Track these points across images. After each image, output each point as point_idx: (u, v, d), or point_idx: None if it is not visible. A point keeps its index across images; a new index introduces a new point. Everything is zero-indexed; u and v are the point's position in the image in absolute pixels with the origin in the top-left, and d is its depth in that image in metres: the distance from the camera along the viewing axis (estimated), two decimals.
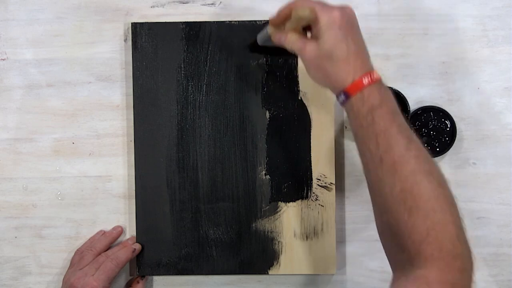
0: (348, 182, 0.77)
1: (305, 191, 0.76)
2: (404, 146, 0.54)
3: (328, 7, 0.58)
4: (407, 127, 0.56)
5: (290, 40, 0.61)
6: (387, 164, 0.54)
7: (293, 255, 0.76)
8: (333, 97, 0.76)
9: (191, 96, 0.76)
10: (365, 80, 0.56)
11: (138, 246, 0.76)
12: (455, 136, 0.75)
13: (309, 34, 0.62)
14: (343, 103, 0.58)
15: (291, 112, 0.76)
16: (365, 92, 0.56)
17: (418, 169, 0.53)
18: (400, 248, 0.54)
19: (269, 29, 0.65)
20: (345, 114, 0.77)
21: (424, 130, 0.76)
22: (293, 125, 0.76)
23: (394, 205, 0.54)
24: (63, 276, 0.73)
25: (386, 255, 0.58)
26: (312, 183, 0.76)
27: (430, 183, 0.53)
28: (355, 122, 0.57)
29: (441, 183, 0.54)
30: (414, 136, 0.56)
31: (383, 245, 0.58)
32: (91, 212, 0.78)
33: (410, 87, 0.77)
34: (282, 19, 0.62)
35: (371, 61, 0.58)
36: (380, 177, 0.55)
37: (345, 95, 0.57)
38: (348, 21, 0.57)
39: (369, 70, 0.57)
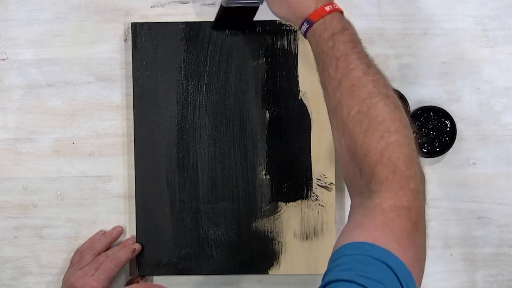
0: None
1: (305, 191, 0.76)
2: (363, 70, 0.56)
3: None
4: (366, 55, 0.58)
5: None
6: (345, 87, 0.55)
7: (293, 255, 0.76)
8: None
9: (191, 96, 0.76)
10: (328, 8, 0.59)
11: (138, 246, 0.76)
12: (455, 136, 0.75)
13: None
14: (306, 32, 0.60)
15: (291, 112, 0.76)
16: (327, 18, 0.58)
17: (375, 92, 0.54)
18: (357, 172, 0.54)
19: None
20: None
21: (424, 130, 0.76)
22: (293, 125, 0.76)
23: (351, 127, 0.54)
24: (63, 276, 0.73)
25: (345, 182, 0.58)
26: (312, 183, 0.76)
27: (386, 106, 0.54)
28: (316, 48, 0.59)
29: (397, 107, 0.55)
30: (373, 64, 0.57)
31: (342, 171, 0.58)
32: (91, 212, 0.78)
33: (410, 87, 0.77)
34: None
35: None
36: (339, 100, 0.56)
37: (307, 23, 0.60)
38: None
39: (331, 1, 0.59)
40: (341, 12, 0.60)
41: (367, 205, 0.52)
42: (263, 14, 0.77)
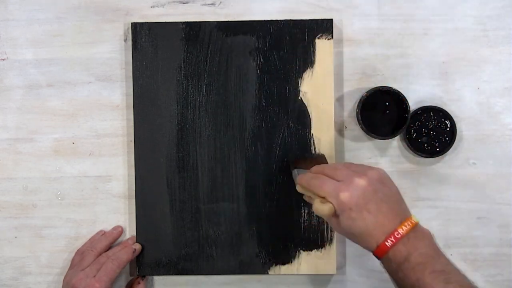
0: None
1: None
2: None
3: (337, 191, 0.60)
4: (442, 269, 0.57)
5: (317, 210, 0.62)
6: None
7: (293, 255, 0.76)
8: (333, 96, 0.76)
9: (191, 96, 0.76)
10: (388, 243, 0.58)
11: (138, 246, 0.76)
12: (455, 136, 0.75)
13: None
14: (379, 260, 0.61)
15: (291, 112, 0.76)
16: (390, 253, 0.58)
17: None
18: None
19: (298, 188, 0.67)
20: (345, 114, 0.77)
21: (424, 130, 0.76)
22: (293, 125, 0.76)
23: None
24: (63, 276, 0.73)
25: None
26: None
27: None
28: (392, 278, 0.60)
29: None
30: (453, 275, 0.56)
31: None
32: (91, 212, 0.78)
33: (410, 87, 0.77)
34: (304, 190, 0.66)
35: (404, 210, 0.61)
36: None
37: (376, 257, 0.60)
38: (359, 197, 0.59)
39: (393, 230, 0.58)
40: (408, 231, 0.58)
41: None
42: (263, 14, 0.77)
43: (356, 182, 0.60)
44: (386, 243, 0.58)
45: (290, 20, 0.76)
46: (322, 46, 0.76)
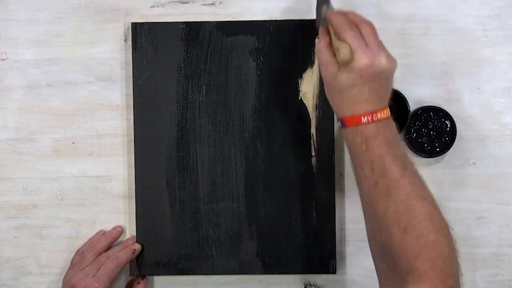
0: (348, 182, 0.77)
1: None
2: (399, 173, 0.57)
3: (365, 52, 0.59)
4: (403, 156, 0.59)
5: (322, 51, 0.62)
6: (381, 188, 0.58)
7: (293, 255, 0.76)
8: None
9: (191, 96, 0.76)
10: (364, 119, 0.59)
11: (138, 247, 0.76)
12: (455, 136, 0.75)
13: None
14: (340, 127, 0.62)
15: (291, 112, 0.76)
16: (360, 127, 0.59)
17: (412, 194, 0.57)
18: (393, 267, 0.56)
19: (320, 28, 0.65)
20: None
21: (424, 130, 0.76)
22: (293, 125, 0.76)
23: (388, 225, 0.57)
24: (63, 276, 0.73)
25: (378, 275, 0.60)
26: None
27: (424, 207, 0.57)
28: (350, 148, 0.61)
29: (435, 207, 0.58)
30: (409, 164, 0.59)
31: (375, 265, 0.60)
32: (91, 212, 0.78)
33: (410, 87, 0.77)
34: (327, 27, 0.64)
35: (387, 100, 0.62)
36: (374, 200, 0.58)
37: (341, 123, 0.61)
38: (374, 74, 0.59)
39: (374, 110, 0.59)
40: (382, 120, 0.60)
41: None
42: (263, 14, 0.77)
43: (380, 59, 0.59)
44: (362, 118, 0.59)
45: (290, 20, 0.76)
46: None
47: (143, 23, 0.76)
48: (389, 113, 0.61)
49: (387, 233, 0.57)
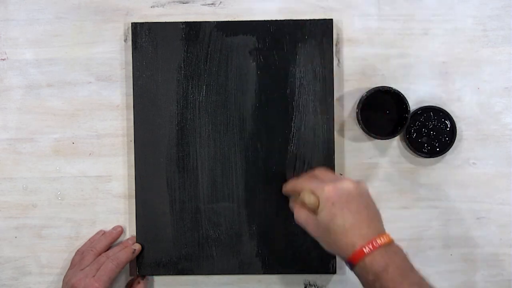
0: None
1: None
2: None
3: (324, 185, 0.62)
4: (419, 282, 0.57)
5: (297, 214, 0.65)
6: None
7: (293, 255, 0.76)
8: (333, 96, 0.76)
9: (191, 96, 0.76)
10: (366, 249, 0.58)
11: (138, 247, 0.76)
12: (455, 136, 0.75)
13: None
14: (351, 269, 0.61)
15: (291, 112, 0.76)
16: (366, 260, 0.58)
17: None
18: None
19: (284, 192, 0.72)
20: (345, 114, 0.77)
21: (424, 130, 0.76)
22: (293, 125, 0.76)
23: None
24: (63, 276, 0.73)
25: None
26: None
27: None
28: (365, 286, 0.60)
29: None
30: (426, 286, 0.58)
31: None
32: (91, 212, 0.78)
33: (410, 87, 0.77)
34: (292, 193, 0.69)
35: (381, 225, 0.61)
36: None
37: (349, 264, 0.60)
38: (343, 195, 0.61)
39: (372, 238, 0.59)
40: (385, 244, 0.59)
41: None
42: (263, 14, 0.77)
43: (343, 182, 0.62)
44: (364, 248, 0.58)
45: (290, 20, 0.76)
46: (322, 46, 0.76)
47: (143, 23, 0.76)
48: (391, 238, 0.60)
49: None
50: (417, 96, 0.77)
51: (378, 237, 0.59)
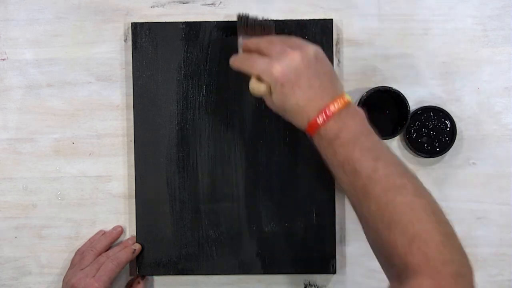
0: None
1: None
2: (371, 168, 0.55)
3: (270, 66, 0.58)
4: (372, 145, 0.56)
5: (253, 90, 0.62)
6: (358, 188, 0.55)
7: (293, 255, 0.76)
8: None
9: (191, 96, 0.76)
10: (319, 120, 0.57)
11: (138, 247, 0.76)
12: (455, 136, 0.75)
13: None
14: (310, 139, 0.60)
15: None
16: (321, 130, 0.57)
17: (388, 187, 0.54)
18: (389, 263, 0.55)
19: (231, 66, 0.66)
20: None
21: (424, 130, 0.76)
22: (293, 125, 0.76)
23: (374, 223, 0.55)
24: (63, 276, 0.73)
25: (382, 269, 0.58)
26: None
27: (403, 197, 0.54)
28: (322, 155, 0.59)
29: (417, 194, 0.55)
30: (382, 152, 0.56)
31: (377, 260, 0.59)
32: (91, 212, 0.78)
33: (410, 87, 0.77)
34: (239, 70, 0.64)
35: (336, 89, 0.59)
36: (356, 199, 0.56)
37: (308, 136, 0.59)
38: (291, 73, 0.58)
39: (324, 106, 0.57)
40: (340, 109, 0.57)
41: (406, 286, 0.51)
42: (263, 14, 0.77)
43: (289, 56, 0.58)
44: (317, 119, 0.57)
45: (290, 20, 0.76)
46: (322, 46, 0.76)
47: (143, 23, 0.76)
48: (346, 99, 0.58)
49: (375, 232, 0.55)
50: (417, 96, 0.77)
51: (331, 103, 0.57)
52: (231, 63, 0.64)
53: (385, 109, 0.75)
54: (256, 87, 0.61)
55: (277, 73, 0.58)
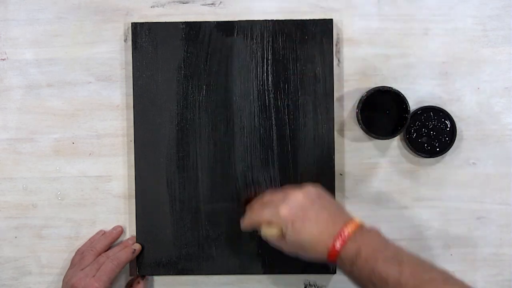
0: (348, 182, 0.77)
1: None
2: (397, 272, 0.56)
3: (277, 209, 0.63)
4: (393, 255, 0.58)
5: (266, 234, 0.65)
6: None
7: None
8: (333, 96, 0.76)
9: (191, 96, 0.76)
10: (337, 244, 0.59)
11: (138, 247, 0.76)
12: (455, 136, 0.75)
13: None
14: (339, 269, 0.62)
15: (291, 112, 0.76)
16: (342, 253, 0.59)
17: (417, 284, 0.55)
18: None
19: (243, 229, 0.70)
20: (345, 114, 0.77)
21: (424, 130, 0.76)
22: (293, 125, 0.76)
23: None
24: (63, 276, 0.73)
25: None
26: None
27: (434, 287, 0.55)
28: (349, 277, 0.60)
29: (447, 283, 0.56)
30: (404, 257, 0.58)
31: None
32: (91, 212, 0.78)
33: (410, 87, 0.77)
34: (251, 228, 0.68)
35: (345, 215, 0.63)
36: None
37: (331, 262, 0.61)
38: (298, 210, 0.62)
39: (339, 231, 0.60)
40: (354, 230, 0.60)
41: None
42: (263, 14, 0.77)
43: (292, 197, 0.63)
44: (336, 244, 0.59)
45: (290, 20, 0.76)
46: (322, 46, 0.76)
47: (143, 23, 0.76)
48: (357, 221, 0.61)
49: None
50: (417, 96, 0.77)
51: (345, 227, 0.60)
52: (243, 227, 0.69)
53: (385, 109, 0.75)
54: (268, 231, 0.65)
55: (285, 213, 0.62)
